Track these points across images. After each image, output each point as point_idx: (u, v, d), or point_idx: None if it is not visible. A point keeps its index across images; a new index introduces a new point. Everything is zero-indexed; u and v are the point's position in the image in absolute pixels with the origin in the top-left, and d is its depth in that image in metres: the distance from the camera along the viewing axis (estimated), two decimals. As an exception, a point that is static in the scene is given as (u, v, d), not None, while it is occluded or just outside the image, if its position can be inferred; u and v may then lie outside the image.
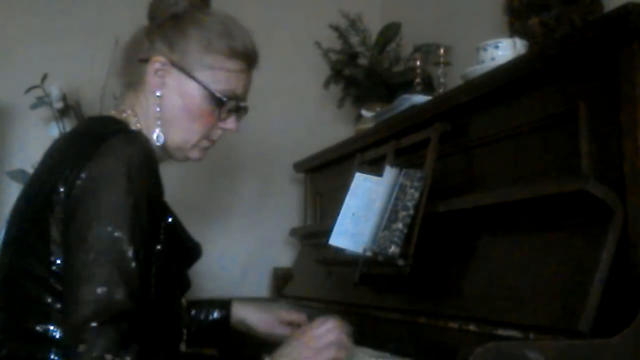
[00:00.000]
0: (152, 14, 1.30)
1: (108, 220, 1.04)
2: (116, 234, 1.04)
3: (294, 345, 1.18)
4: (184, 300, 1.35)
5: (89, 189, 1.06)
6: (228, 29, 1.27)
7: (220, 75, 1.26)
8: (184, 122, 1.26)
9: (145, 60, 1.25)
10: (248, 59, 1.30)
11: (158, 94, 1.24)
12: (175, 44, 1.25)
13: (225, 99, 1.26)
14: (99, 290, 1.01)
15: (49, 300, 1.09)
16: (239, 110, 1.32)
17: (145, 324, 1.07)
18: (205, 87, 1.24)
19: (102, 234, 1.04)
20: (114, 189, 1.06)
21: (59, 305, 1.08)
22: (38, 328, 1.09)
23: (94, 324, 0.99)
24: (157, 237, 1.16)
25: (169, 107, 1.25)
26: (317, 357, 1.14)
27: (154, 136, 1.25)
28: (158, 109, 1.24)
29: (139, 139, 1.14)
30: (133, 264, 1.05)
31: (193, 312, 1.55)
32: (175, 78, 1.25)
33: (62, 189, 1.09)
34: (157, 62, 1.24)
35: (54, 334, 1.09)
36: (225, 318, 1.56)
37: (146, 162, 1.11)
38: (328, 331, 1.19)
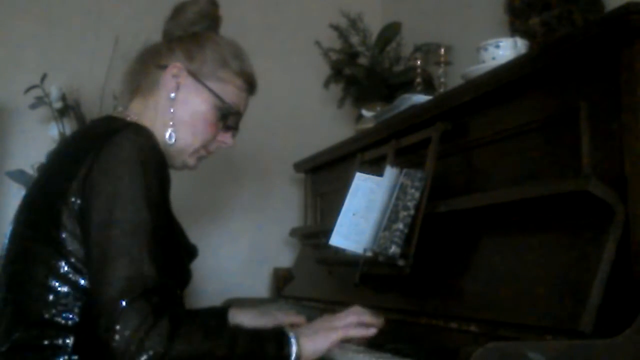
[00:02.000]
0: (171, 30, 1.39)
1: (127, 202, 1.10)
2: (137, 214, 1.09)
3: (316, 320, 1.27)
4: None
5: (105, 175, 1.12)
6: (239, 53, 1.39)
7: (229, 90, 1.36)
8: (191, 126, 1.33)
9: (164, 67, 1.33)
10: (251, 83, 1.42)
11: (172, 95, 1.32)
12: (194, 54, 1.34)
13: (232, 109, 1.36)
14: (128, 267, 1.05)
15: (57, 286, 1.12)
16: (236, 128, 1.41)
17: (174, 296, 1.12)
18: (216, 96, 1.33)
19: (124, 215, 1.09)
20: (130, 173, 1.12)
21: (67, 291, 1.12)
22: (46, 315, 1.12)
23: (126, 301, 1.02)
24: (169, 220, 1.22)
25: (180, 109, 1.32)
26: (337, 330, 1.21)
27: (167, 134, 1.31)
28: (172, 110, 1.32)
29: (147, 131, 1.22)
30: (156, 241, 1.10)
31: None
32: (190, 85, 1.33)
33: (76, 179, 1.13)
34: (176, 67, 1.33)
35: (61, 320, 1.12)
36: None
37: (155, 149, 1.18)
38: (350, 312, 1.27)
